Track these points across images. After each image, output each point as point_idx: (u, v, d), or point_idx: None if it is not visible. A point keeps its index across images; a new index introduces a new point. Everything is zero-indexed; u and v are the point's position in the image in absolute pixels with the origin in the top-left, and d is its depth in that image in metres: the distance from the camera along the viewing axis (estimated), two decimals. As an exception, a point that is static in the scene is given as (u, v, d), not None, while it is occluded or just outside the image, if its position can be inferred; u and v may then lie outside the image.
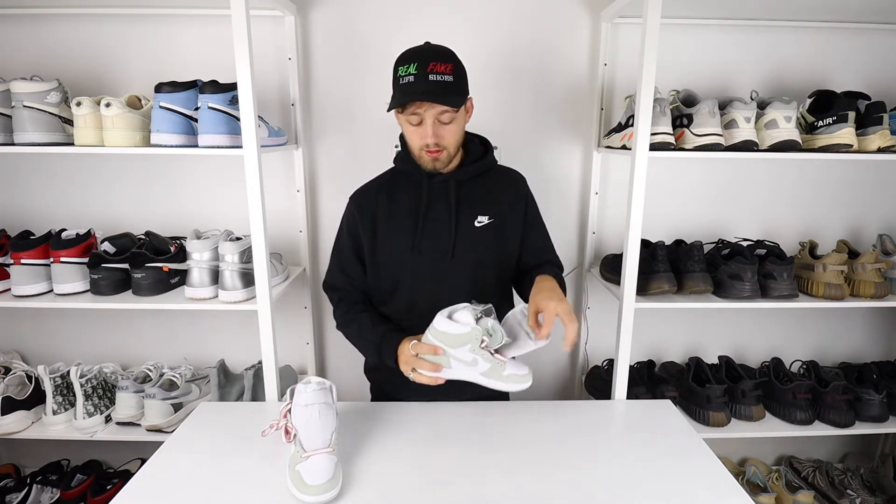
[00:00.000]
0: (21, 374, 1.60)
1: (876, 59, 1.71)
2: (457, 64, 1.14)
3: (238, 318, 1.76)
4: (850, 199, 1.80)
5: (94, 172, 1.71)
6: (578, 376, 1.89)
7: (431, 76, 1.09)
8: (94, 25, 1.62)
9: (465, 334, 1.02)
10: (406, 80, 1.10)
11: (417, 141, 1.16)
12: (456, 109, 1.13)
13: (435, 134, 1.13)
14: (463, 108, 1.17)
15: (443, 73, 1.10)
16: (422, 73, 1.09)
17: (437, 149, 1.15)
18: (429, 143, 1.14)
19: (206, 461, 1.08)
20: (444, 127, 1.14)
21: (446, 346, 1.04)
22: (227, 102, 1.33)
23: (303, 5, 1.62)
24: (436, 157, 1.17)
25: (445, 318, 1.04)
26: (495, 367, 1.05)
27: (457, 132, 1.17)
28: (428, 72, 1.09)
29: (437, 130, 1.13)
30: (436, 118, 1.12)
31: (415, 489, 0.99)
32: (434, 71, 1.09)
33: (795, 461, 1.89)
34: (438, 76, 1.09)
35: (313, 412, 0.99)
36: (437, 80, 1.09)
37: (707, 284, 1.48)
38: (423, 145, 1.15)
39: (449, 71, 1.11)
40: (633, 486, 1.01)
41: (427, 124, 1.13)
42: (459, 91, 1.14)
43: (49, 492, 1.68)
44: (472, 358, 1.04)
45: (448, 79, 1.10)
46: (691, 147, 1.40)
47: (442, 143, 1.15)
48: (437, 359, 1.05)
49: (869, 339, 1.92)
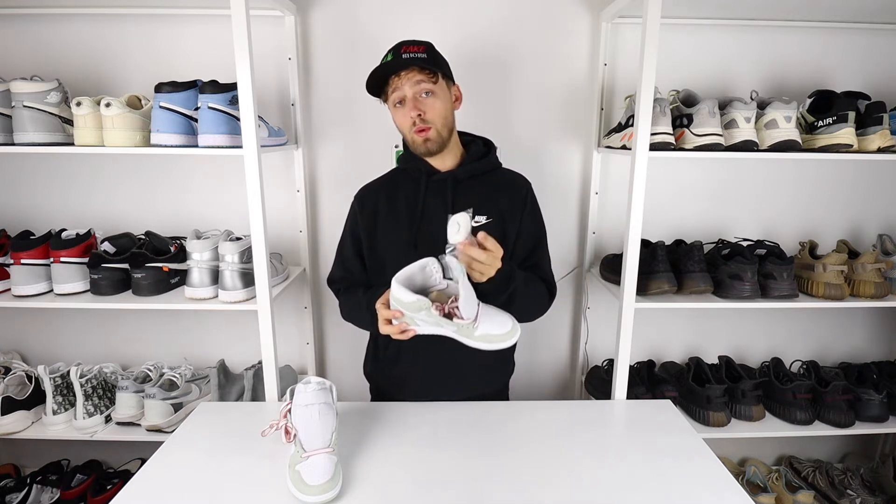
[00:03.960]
0: (21, 374, 1.60)
1: (876, 59, 1.71)
2: (430, 47, 1.20)
3: (238, 318, 1.76)
4: (849, 199, 1.80)
5: (95, 172, 1.71)
6: (578, 376, 1.89)
7: (405, 55, 1.16)
8: (94, 25, 1.62)
9: (414, 302, 1.00)
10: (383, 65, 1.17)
11: (406, 122, 1.19)
12: (432, 77, 1.17)
13: (416, 107, 1.16)
14: (445, 87, 1.21)
15: (415, 52, 1.16)
16: (396, 55, 1.17)
17: (423, 125, 1.17)
18: (413, 116, 1.16)
19: (206, 461, 1.08)
20: (424, 101, 1.17)
21: (405, 311, 1.03)
22: (227, 102, 1.33)
23: (303, 5, 1.62)
24: (425, 135, 1.18)
25: (397, 284, 1.02)
26: (462, 328, 1.03)
27: (441, 110, 1.18)
28: (401, 52, 1.16)
29: (418, 104, 1.16)
30: (415, 93, 1.16)
31: (415, 489, 0.99)
32: (407, 51, 1.16)
33: (795, 461, 1.89)
34: (411, 54, 1.16)
35: (313, 412, 0.99)
36: (410, 57, 1.16)
37: (707, 284, 1.48)
38: (409, 124, 1.18)
39: (422, 50, 1.17)
40: (633, 485, 1.01)
41: (408, 98, 1.17)
42: (434, 63, 1.18)
43: (49, 492, 1.67)
44: (434, 320, 1.03)
45: (422, 55, 1.16)
46: (691, 147, 1.40)
47: (426, 119, 1.17)
48: (403, 319, 1.05)
49: (869, 339, 1.92)
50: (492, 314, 1.07)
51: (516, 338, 1.06)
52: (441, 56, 1.22)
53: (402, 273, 1.03)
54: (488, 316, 1.05)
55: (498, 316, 1.07)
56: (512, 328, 1.05)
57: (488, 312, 1.06)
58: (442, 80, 1.19)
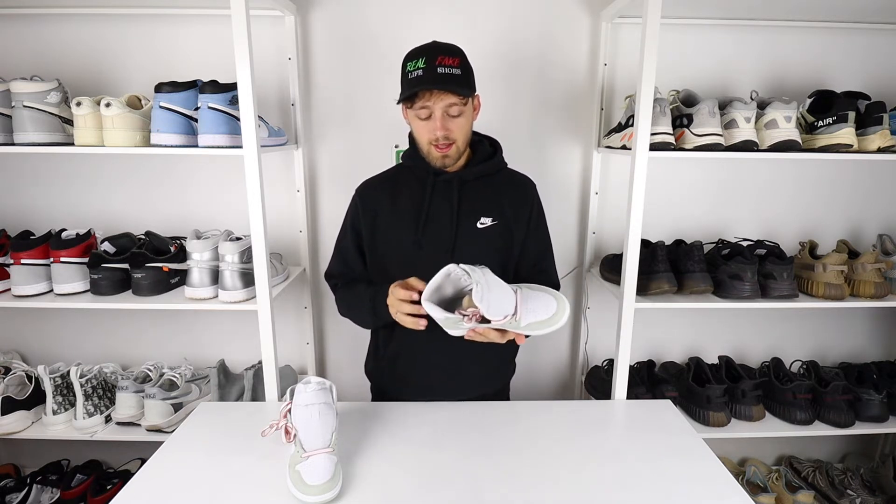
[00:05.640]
0: (21, 374, 1.60)
1: (876, 59, 1.71)
2: (463, 59, 1.16)
3: (238, 318, 1.76)
4: (850, 199, 1.80)
5: (94, 172, 1.71)
6: (578, 376, 1.89)
7: (440, 69, 1.11)
8: (94, 25, 1.62)
9: (446, 320, 0.99)
10: (415, 74, 1.12)
11: (426, 136, 1.17)
12: (464, 100, 1.15)
13: (444, 126, 1.14)
14: (471, 104, 1.19)
15: (451, 66, 1.12)
16: (430, 66, 1.11)
17: (446, 142, 1.16)
18: (438, 136, 1.15)
19: (206, 461, 1.08)
20: (452, 120, 1.15)
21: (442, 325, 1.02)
22: (227, 102, 1.32)
23: (303, 5, 1.62)
24: (445, 152, 1.17)
25: (429, 304, 1.00)
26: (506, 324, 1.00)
27: (465, 127, 1.18)
28: (436, 65, 1.11)
29: (445, 123, 1.14)
30: (444, 111, 1.14)
31: (415, 489, 0.99)
32: (442, 64, 1.11)
33: (795, 461, 1.89)
34: (447, 69, 1.11)
35: (313, 412, 0.99)
36: (445, 73, 1.11)
37: (707, 284, 1.48)
38: (432, 139, 1.16)
39: (456, 64, 1.13)
40: (633, 485, 1.01)
41: (436, 117, 1.14)
42: (467, 84, 1.15)
43: (49, 492, 1.67)
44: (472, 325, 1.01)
45: (456, 72, 1.12)
46: (691, 147, 1.40)
47: (451, 137, 1.16)
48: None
49: (869, 339, 1.92)
50: (532, 299, 1.01)
51: (566, 314, 1.01)
52: (470, 66, 1.19)
53: (430, 287, 1.01)
54: (529, 303, 1.00)
55: (540, 300, 1.01)
56: (558, 309, 1.00)
57: (528, 299, 1.01)
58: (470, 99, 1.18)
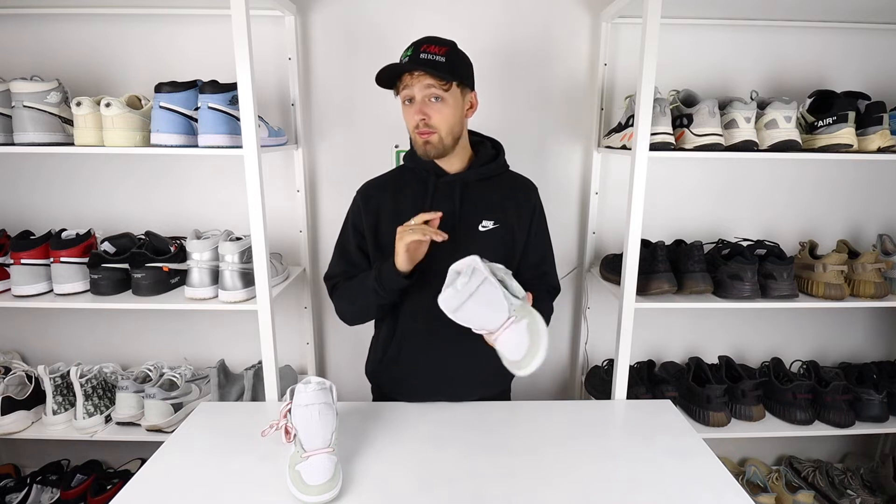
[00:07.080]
0: (21, 374, 1.60)
1: (876, 59, 1.71)
2: (453, 49, 1.16)
3: (238, 318, 1.75)
4: (849, 199, 1.80)
5: (95, 172, 1.71)
6: (578, 376, 1.89)
7: (423, 55, 1.13)
8: (94, 25, 1.62)
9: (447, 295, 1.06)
10: (400, 61, 1.15)
11: (411, 122, 1.18)
12: (444, 85, 1.14)
13: (422, 111, 1.14)
14: (458, 95, 1.17)
15: (435, 53, 1.13)
16: (415, 53, 1.13)
17: (426, 129, 1.15)
18: (417, 120, 1.15)
19: (206, 461, 1.08)
20: (432, 106, 1.15)
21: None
22: (227, 102, 1.32)
23: (303, 5, 1.62)
24: (426, 138, 1.16)
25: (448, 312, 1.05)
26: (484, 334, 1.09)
27: (448, 116, 1.16)
28: (420, 51, 1.13)
29: (425, 108, 1.14)
30: (425, 97, 1.14)
31: (415, 489, 0.99)
32: (427, 51, 1.13)
33: (795, 461, 1.89)
34: (430, 55, 1.12)
35: (313, 412, 0.99)
36: (426, 58, 1.12)
37: (707, 284, 1.48)
38: (414, 125, 1.17)
39: (442, 53, 1.13)
40: (633, 485, 1.01)
41: (416, 100, 1.15)
42: (450, 71, 1.14)
43: (49, 492, 1.68)
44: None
45: (440, 59, 1.13)
46: (691, 147, 1.40)
47: (430, 123, 1.15)
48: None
49: (869, 339, 1.92)
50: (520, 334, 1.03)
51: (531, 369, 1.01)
52: (463, 60, 1.19)
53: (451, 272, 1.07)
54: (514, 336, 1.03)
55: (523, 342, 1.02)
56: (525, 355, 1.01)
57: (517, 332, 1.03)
58: (455, 88, 1.16)
